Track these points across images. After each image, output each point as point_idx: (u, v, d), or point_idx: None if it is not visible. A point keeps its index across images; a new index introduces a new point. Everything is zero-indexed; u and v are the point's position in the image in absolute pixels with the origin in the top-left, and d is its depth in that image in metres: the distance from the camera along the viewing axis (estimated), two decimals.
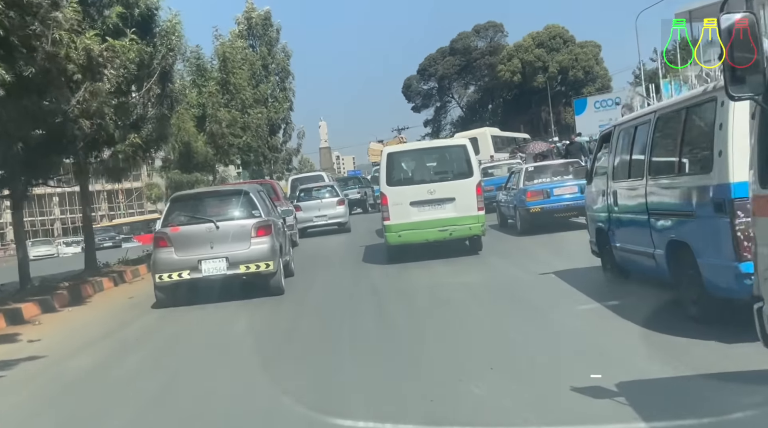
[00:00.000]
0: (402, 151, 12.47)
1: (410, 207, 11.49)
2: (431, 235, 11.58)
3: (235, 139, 21.58)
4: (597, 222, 7.74)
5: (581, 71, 66.79)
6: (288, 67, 31.36)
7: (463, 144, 11.96)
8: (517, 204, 14.43)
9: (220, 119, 19.83)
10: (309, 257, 15.34)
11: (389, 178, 11.68)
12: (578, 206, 12.76)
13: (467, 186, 11.52)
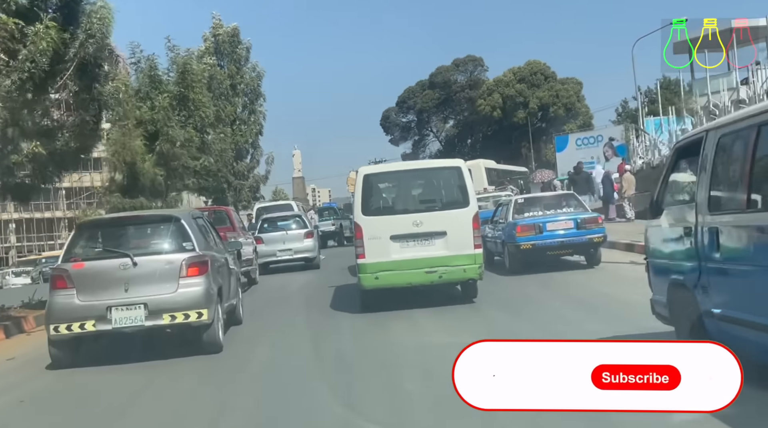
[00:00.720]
0: (382, 172, 9.96)
1: (391, 242, 9.11)
2: (416, 278, 9.18)
3: (193, 161, 19.17)
4: (672, 274, 5.17)
5: (562, 108, 66.06)
6: (259, 88, 29.12)
7: (456, 166, 9.51)
8: (506, 239, 12.64)
9: (173, 137, 17.40)
10: (266, 299, 12.88)
11: (365, 205, 9.29)
12: (573, 243, 11.85)
13: (462, 218, 9.16)
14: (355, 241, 9.45)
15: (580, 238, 11.81)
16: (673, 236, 5.16)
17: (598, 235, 11.88)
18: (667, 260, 5.29)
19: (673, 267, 5.13)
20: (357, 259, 9.30)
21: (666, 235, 5.35)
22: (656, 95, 63.62)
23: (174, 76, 19.82)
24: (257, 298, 13.00)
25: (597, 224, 12.03)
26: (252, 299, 12.62)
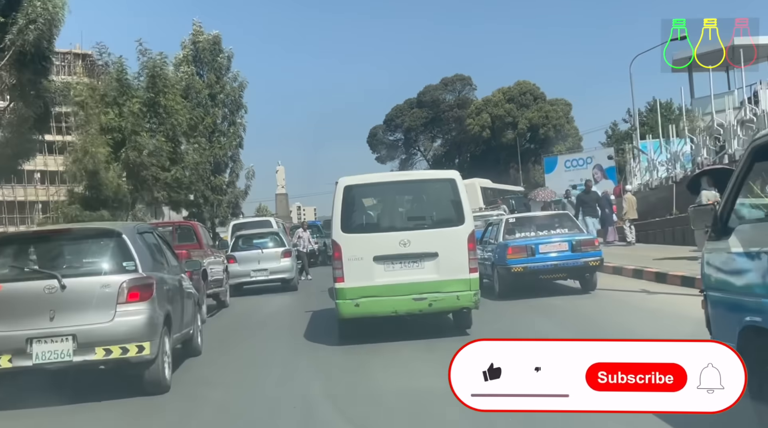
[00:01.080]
0: (365, 184, 8.49)
1: (374, 264, 7.90)
2: (403, 305, 7.96)
3: (163, 172, 17.85)
4: (746, 314, 3.85)
5: (552, 129, 65.55)
6: (240, 98, 27.87)
7: (450, 178, 8.29)
8: (496, 262, 11.63)
9: (140, 145, 16.06)
10: (234, 325, 11.55)
11: (345, 222, 8.06)
12: (567, 267, 11.05)
13: (456, 237, 7.98)
14: (333, 262, 8.14)
15: (575, 261, 10.99)
16: (750, 264, 3.93)
17: (594, 258, 11.05)
18: (740, 296, 4.05)
19: (749, 305, 3.88)
20: (334, 283, 8.01)
21: (738, 262, 4.13)
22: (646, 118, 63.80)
23: (144, 80, 18.53)
24: (224, 324, 11.68)
25: (593, 246, 11.30)
26: (218, 326, 11.31)
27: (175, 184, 18.99)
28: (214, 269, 12.87)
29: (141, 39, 19.44)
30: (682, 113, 21.34)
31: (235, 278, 16.27)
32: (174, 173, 18.70)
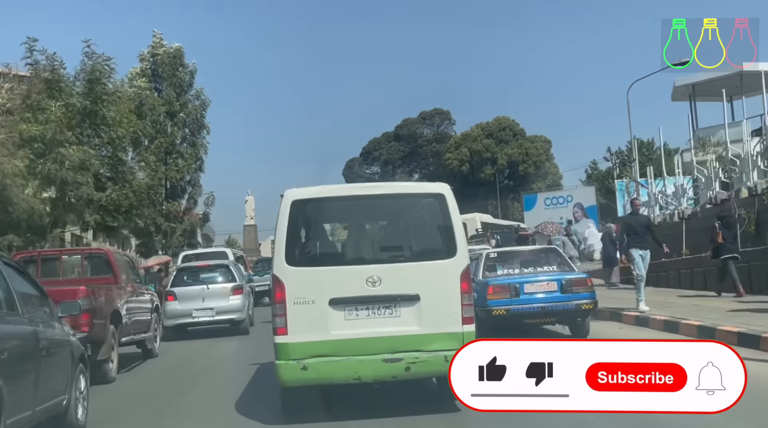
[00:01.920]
0: (321, 198, 6.09)
1: (330, 310, 5.62)
2: (369, 369, 5.64)
3: (98, 193, 15.28)
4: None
5: (531, 166, 64.58)
6: (202, 118, 25.37)
7: (438, 193, 5.97)
8: (475, 303, 9.23)
9: (63, 156, 13.43)
10: (148, 387, 8.92)
11: (291, 250, 5.75)
12: (556, 310, 9.46)
13: (445, 274, 5.75)
14: (273, 306, 5.72)
15: (566, 304, 9.44)
16: None
17: (588, 301, 9.54)
18: None
19: None
20: (274, 335, 5.60)
21: None
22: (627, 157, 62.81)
23: (80, 85, 16.01)
24: (136, 384, 9.00)
25: (586, 287, 9.72)
26: (126, 387, 8.69)
27: (113, 207, 16.28)
28: (135, 309, 10.25)
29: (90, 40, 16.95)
30: (659, 152, 20.00)
31: (173, 318, 13.67)
32: (110, 194, 16.01)
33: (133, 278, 10.83)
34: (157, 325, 11.74)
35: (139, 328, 10.52)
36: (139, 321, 10.51)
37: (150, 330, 11.11)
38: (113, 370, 8.94)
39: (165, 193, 24.71)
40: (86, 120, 15.60)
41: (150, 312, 11.23)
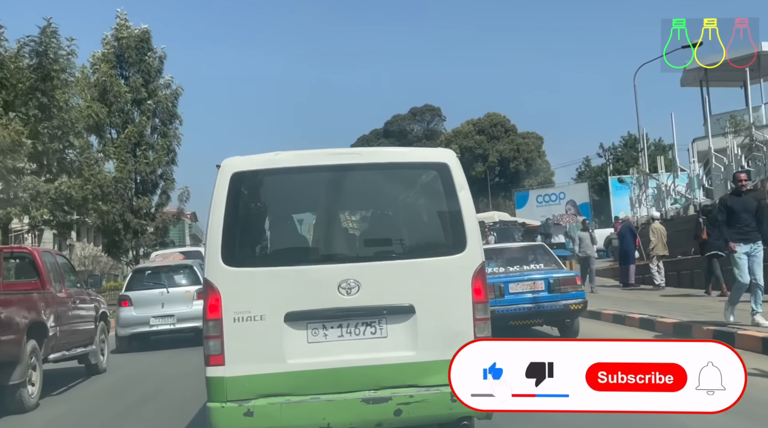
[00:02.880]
0: (272, 170, 4.28)
1: (287, 329, 3.97)
2: (343, 413, 3.94)
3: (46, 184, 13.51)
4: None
5: (523, 163, 63.50)
6: (174, 107, 23.53)
7: (441, 163, 4.29)
8: None
9: None
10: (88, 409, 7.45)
11: (229, 244, 4.06)
12: (544, 311, 9.08)
13: (450, 276, 4.12)
14: (205, 325, 4.06)
15: (554, 304, 9.04)
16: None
17: (577, 301, 9.15)
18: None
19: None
20: (206, 366, 3.99)
21: None
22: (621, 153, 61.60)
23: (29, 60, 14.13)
24: (69, 411, 7.35)
25: (575, 286, 9.34)
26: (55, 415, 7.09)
27: (64, 200, 14.45)
28: (72, 318, 8.61)
29: (51, 18, 15.05)
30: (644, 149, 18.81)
31: (127, 327, 12.00)
32: (59, 186, 14.19)
33: (71, 282, 9.12)
34: (104, 336, 10.05)
35: (77, 341, 8.89)
36: (77, 332, 8.88)
37: (94, 343, 9.44)
38: (34, 395, 7.28)
39: (135, 188, 22.86)
40: (32, 99, 13.82)
41: (94, 321, 9.56)
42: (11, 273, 8.66)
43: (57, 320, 8.01)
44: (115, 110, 21.72)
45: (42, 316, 7.57)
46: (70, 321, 8.59)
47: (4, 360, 6.62)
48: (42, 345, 7.56)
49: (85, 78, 18.28)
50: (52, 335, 7.79)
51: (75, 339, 8.75)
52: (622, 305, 12.24)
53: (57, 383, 8.69)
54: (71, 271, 9.47)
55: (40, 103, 13.98)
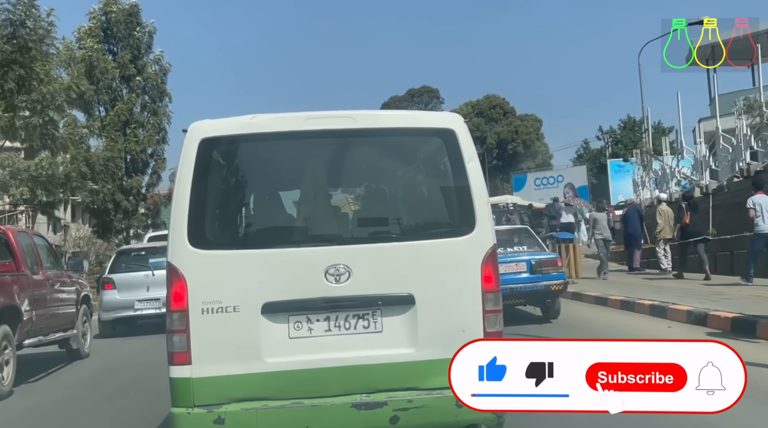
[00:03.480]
0: (248, 136, 3.68)
1: (264, 322, 3.41)
2: (330, 421, 3.42)
3: (27, 161, 13.04)
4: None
5: (521, 145, 63.16)
6: (163, 84, 22.92)
7: (446, 129, 3.68)
8: None
9: None
10: (64, 397, 7.07)
11: (196, 223, 3.48)
12: (526, 292, 9.45)
13: (456, 261, 3.57)
14: (168, 316, 3.50)
15: (535, 285, 9.46)
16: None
17: (557, 282, 9.58)
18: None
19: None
20: (170, 365, 3.45)
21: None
22: (620, 136, 61.11)
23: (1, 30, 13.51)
24: (43, 400, 6.96)
25: (556, 267, 9.72)
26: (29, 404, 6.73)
27: (46, 178, 13.92)
28: (50, 302, 8.22)
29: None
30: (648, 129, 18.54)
31: (111, 311, 11.63)
32: (40, 162, 13.65)
33: (50, 264, 8.70)
34: (87, 320, 9.67)
35: (56, 325, 8.51)
36: (56, 317, 8.50)
37: (75, 327, 9.06)
38: (6, 383, 6.91)
39: (125, 167, 22.34)
40: (8, 72, 13.22)
41: (75, 305, 9.18)
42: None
43: (33, 303, 7.62)
44: (102, 87, 21.15)
45: (15, 300, 7.17)
46: (48, 304, 8.20)
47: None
48: (16, 330, 7.17)
49: (68, 50, 17.60)
50: (27, 319, 7.40)
51: (53, 323, 8.36)
52: (629, 290, 11.85)
53: (36, 369, 8.36)
54: (50, 252, 9.04)
55: (18, 75, 13.34)
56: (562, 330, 8.85)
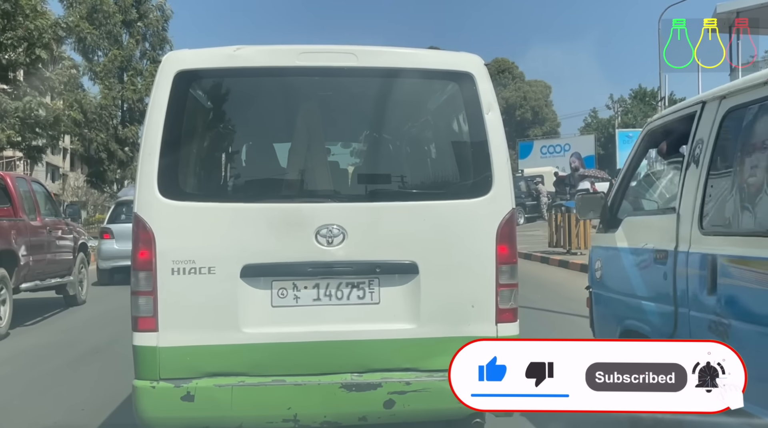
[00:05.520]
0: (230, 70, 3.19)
1: (244, 287, 3.04)
2: (315, 402, 3.03)
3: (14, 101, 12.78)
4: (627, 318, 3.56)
5: (529, 111, 62.88)
6: (164, 31, 22.70)
7: (464, 72, 3.20)
8: None
9: None
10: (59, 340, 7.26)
11: (168, 169, 3.04)
12: None
13: (468, 226, 3.18)
14: (133, 275, 3.06)
15: None
16: (635, 262, 3.69)
17: None
18: (623, 296, 3.76)
19: (631, 309, 3.63)
20: (133, 331, 3.07)
21: (624, 258, 3.83)
22: (630, 106, 60.74)
23: None
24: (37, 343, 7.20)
25: None
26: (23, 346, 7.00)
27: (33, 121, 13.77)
28: (47, 248, 8.45)
29: None
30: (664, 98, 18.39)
31: (108, 260, 11.93)
32: (29, 103, 13.49)
33: (48, 210, 8.91)
34: (84, 267, 9.93)
35: (53, 271, 8.74)
36: (53, 262, 8.72)
37: (72, 274, 9.30)
38: (2, 324, 7.18)
39: (121, 116, 22.32)
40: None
41: (72, 252, 9.41)
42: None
43: (30, 248, 7.81)
44: (103, 33, 20.99)
45: (12, 244, 7.36)
46: (45, 250, 8.41)
47: None
48: (12, 274, 7.38)
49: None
50: (24, 264, 7.61)
51: (50, 269, 8.59)
52: None
53: (33, 313, 8.62)
54: (48, 199, 9.23)
55: (3, 10, 12.91)
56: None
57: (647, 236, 3.53)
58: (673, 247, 3.25)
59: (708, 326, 3.02)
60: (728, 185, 3.02)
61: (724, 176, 3.08)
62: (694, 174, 3.18)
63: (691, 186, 3.20)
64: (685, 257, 3.16)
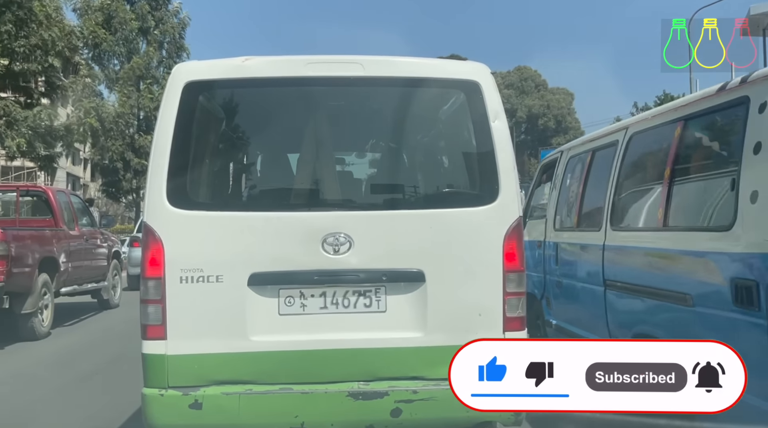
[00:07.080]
0: (239, 80, 3.42)
1: (252, 295, 3.21)
2: (322, 411, 3.21)
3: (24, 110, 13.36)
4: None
5: (552, 120, 63.42)
6: (181, 39, 23.53)
7: (470, 81, 3.40)
8: None
9: None
10: (93, 340, 7.97)
11: (177, 179, 3.26)
12: None
13: (475, 234, 3.35)
14: (142, 284, 3.25)
15: None
16: (529, 248, 5.45)
17: None
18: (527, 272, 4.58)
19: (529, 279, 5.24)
20: (143, 339, 3.26)
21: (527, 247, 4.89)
22: None
23: None
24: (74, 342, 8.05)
25: None
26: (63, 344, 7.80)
27: (45, 130, 14.31)
28: (84, 255, 9.32)
29: None
30: None
31: (138, 266, 12.54)
32: (39, 112, 14.04)
33: (85, 221, 9.85)
34: (117, 273, 10.82)
35: (89, 276, 9.63)
36: (89, 268, 9.60)
37: (106, 279, 10.21)
38: (46, 324, 7.99)
39: (137, 125, 23.16)
40: (5, 12, 13.07)
41: (107, 259, 10.32)
42: (27, 211, 9.34)
43: (69, 256, 8.59)
44: (119, 39, 21.84)
45: (54, 252, 8.11)
46: (82, 257, 9.20)
47: (17, 291, 7.24)
48: (54, 279, 8.11)
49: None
50: (63, 270, 8.36)
51: (87, 274, 9.39)
52: None
53: (71, 315, 9.45)
54: (85, 211, 10.12)
55: (16, 17, 13.13)
56: None
57: (535, 232, 5.96)
58: (543, 238, 5.79)
59: (555, 284, 5.45)
60: (564, 202, 5.46)
61: (564, 196, 5.49)
62: (554, 195, 5.75)
63: (552, 203, 5.74)
64: (547, 244, 5.68)
